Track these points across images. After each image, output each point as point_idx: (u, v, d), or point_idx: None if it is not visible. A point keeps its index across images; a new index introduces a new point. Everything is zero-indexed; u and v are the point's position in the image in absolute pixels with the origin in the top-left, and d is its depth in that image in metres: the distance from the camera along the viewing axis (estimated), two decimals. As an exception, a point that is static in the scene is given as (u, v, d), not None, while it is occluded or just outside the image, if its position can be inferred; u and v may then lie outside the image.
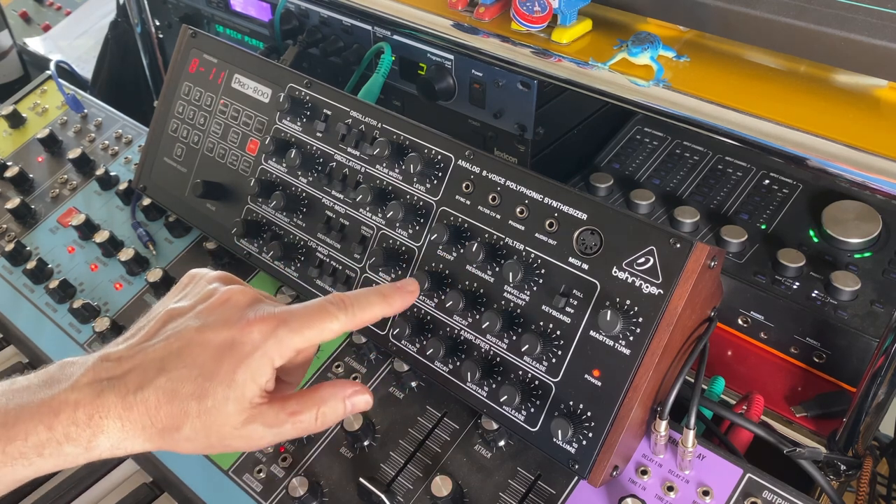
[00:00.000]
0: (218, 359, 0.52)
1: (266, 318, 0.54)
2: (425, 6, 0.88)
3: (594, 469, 0.59)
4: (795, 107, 0.68)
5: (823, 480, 0.63)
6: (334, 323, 0.55)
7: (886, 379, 0.62)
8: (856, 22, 0.64)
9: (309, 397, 0.56)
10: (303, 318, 0.54)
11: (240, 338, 0.53)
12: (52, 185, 1.07)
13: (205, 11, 1.17)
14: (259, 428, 0.54)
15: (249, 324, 0.53)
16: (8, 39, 1.52)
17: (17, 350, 0.96)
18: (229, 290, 0.57)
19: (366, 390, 0.58)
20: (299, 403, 0.55)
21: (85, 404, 0.51)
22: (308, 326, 0.54)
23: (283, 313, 0.54)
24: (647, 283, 0.58)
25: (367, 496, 0.67)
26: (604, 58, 0.76)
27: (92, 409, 0.51)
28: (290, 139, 0.80)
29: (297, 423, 0.55)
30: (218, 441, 0.54)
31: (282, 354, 0.53)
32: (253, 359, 0.52)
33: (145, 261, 0.93)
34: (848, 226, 0.79)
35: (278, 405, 0.54)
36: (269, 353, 0.53)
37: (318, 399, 0.56)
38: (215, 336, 0.53)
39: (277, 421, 0.54)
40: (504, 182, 0.66)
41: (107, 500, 0.80)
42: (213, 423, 0.52)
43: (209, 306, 0.55)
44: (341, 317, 0.55)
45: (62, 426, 0.50)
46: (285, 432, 0.55)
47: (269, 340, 0.53)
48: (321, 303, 0.56)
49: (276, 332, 0.53)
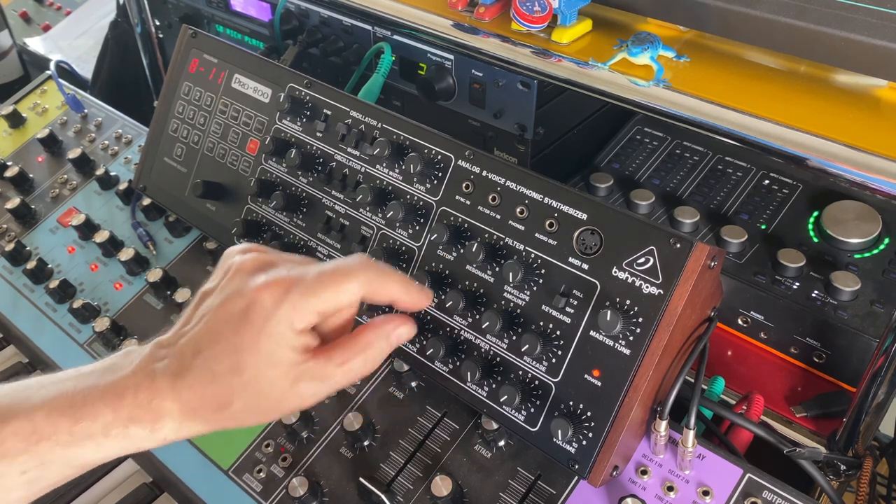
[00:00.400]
0: (239, 331, 0.53)
1: (276, 282, 0.53)
2: (425, 6, 0.88)
3: (594, 469, 0.59)
4: (795, 107, 0.68)
5: (823, 480, 0.63)
6: (350, 284, 0.54)
7: (886, 379, 0.62)
8: (856, 22, 0.64)
9: (354, 344, 0.55)
10: (316, 280, 0.53)
11: (252, 306, 0.53)
12: (52, 185, 1.07)
13: (205, 11, 1.17)
14: (311, 385, 0.54)
15: (260, 290, 0.53)
16: (8, 39, 1.51)
17: (16, 350, 0.97)
18: (242, 259, 0.57)
19: (407, 320, 0.58)
20: (345, 352, 0.55)
21: (144, 388, 0.52)
22: (323, 288, 0.53)
23: (295, 277, 0.54)
24: (647, 283, 0.58)
25: (367, 496, 0.67)
26: (604, 58, 0.76)
27: (150, 394, 0.52)
28: (290, 139, 0.80)
29: (347, 373, 0.55)
30: (274, 406, 0.54)
31: (301, 318, 0.53)
32: (270, 325, 0.52)
33: (145, 261, 0.93)
34: (848, 226, 0.79)
35: (324, 358, 0.54)
36: (284, 318, 0.52)
37: (364, 344, 0.55)
38: (234, 308, 0.53)
39: (326, 374, 0.54)
40: (504, 182, 0.66)
41: (107, 500, 0.80)
42: (260, 392, 0.53)
43: (227, 280, 0.56)
44: (358, 277, 0.54)
45: (127, 409, 0.52)
46: (337, 383, 0.55)
47: (283, 306, 0.52)
48: (337, 264, 0.55)
49: (287, 296, 0.53)
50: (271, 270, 0.55)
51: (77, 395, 0.52)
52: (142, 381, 0.53)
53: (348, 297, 0.54)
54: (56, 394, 0.52)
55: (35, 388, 0.53)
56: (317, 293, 0.53)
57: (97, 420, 0.51)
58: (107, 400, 0.52)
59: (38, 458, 0.51)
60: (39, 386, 0.53)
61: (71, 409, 0.51)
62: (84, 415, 0.51)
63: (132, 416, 0.52)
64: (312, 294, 0.53)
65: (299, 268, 0.55)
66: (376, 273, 0.56)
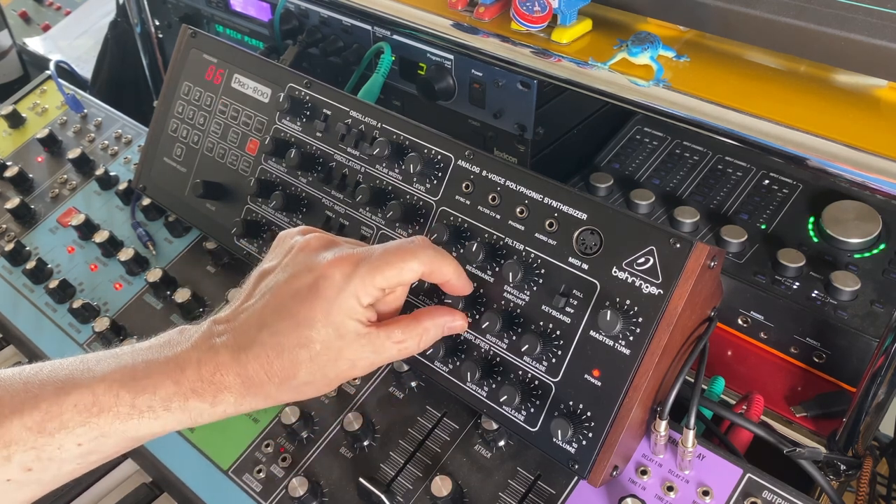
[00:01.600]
0: (310, 305, 0.55)
1: (345, 258, 0.56)
2: (425, 6, 0.88)
3: (594, 469, 0.59)
4: (795, 107, 0.68)
5: (823, 480, 0.63)
6: (413, 262, 0.57)
7: (886, 379, 0.62)
8: (856, 22, 0.64)
9: (414, 326, 0.59)
10: (381, 257, 0.57)
11: (323, 281, 0.55)
12: (51, 185, 1.07)
13: (205, 11, 1.17)
14: (370, 355, 0.57)
15: (330, 265, 0.56)
16: (8, 39, 1.51)
17: (16, 350, 0.96)
18: (307, 238, 0.60)
19: (462, 316, 0.63)
20: (405, 332, 0.59)
21: (206, 361, 0.54)
22: (388, 266, 0.56)
23: (362, 253, 0.57)
24: (647, 283, 0.58)
25: (367, 496, 0.67)
26: (604, 58, 0.76)
27: (213, 367, 0.54)
28: (290, 139, 0.80)
29: (401, 351, 0.59)
30: (335, 376, 0.57)
31: (367, 293, 0.56)
32: (340, 299, 0.55)
33: (145, 261, 0.93)
34: (848, 226, 0.79)
35: (385, 333, 0.58)
36: (354, 292, 0.55)
37: (422, 328, 0.60)
38: (301, 283, 0.56)
39: (384, 348, 0.58)
40: (504, 182, 0.66)
41: (107, 500, 0.80)
42: (326, 363, 0.56)
43: (291, 258, 0.58)
44: (420, 256, 0.58)
45: (189, 381, 0.53)
46: (392, 356, 0.59)
47: (353, 280, 0.55)
48: (401, 243, 0.58)
49: (356, 271, 0.55)
50: (336, 248, 0.58)
51: (137, 368, 0.54)
52: (203, 354, 0.54)
53: (410, 275, 0.58)
54: (116, 367, 0.54)
55: (93, 361, 0.55)
56: (382, 270, 0.56)
57: (158, 392, 0.53)
58: (168, 373, 0.53)
59: (97, 430, 0.52)
60: (97, 360, 0.55)
61: (132, 381, 0.53)
62: (145, 387, 0.53)
63: (194, 388, 0.53)
64: (379, 271, 0.56)
65: (363, 246, 0.58)
66: (436, 253, 0.59)
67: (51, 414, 0.51)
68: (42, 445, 0.51)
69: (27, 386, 0.52)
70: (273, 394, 0.56)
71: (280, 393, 0.56)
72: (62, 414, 0.51)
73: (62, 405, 0.51)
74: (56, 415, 0.51)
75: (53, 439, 0.51)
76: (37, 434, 0.51)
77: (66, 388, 0.52)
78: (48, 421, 0.51)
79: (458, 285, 0.63)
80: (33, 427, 0.51)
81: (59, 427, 0.51)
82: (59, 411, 0.51)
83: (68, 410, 0.51)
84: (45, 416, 0.51)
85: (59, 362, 0.55)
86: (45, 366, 0.55)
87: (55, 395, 0.52)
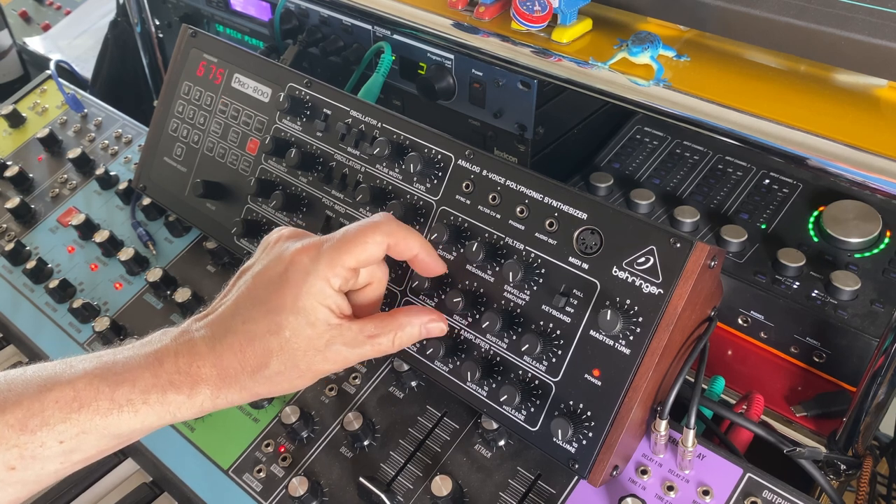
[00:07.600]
0: (279, 291, 0.56)
1: (312, 244, 0.58)
2: (425, 6, 0.88)
3: (594, 469, 0.59)
4: (795, 107, 0.68)
5: (823, 480, 0.63)
6: (376, 235, 0.58)
7: (886, 379, 0.62)
8: (856, 22, 0.64)
9: (388, 322, 0.59)
10: (345, 235, 0.58)
11: (291, 266, 0.56)
12: (51, 185, 1.07)
13: (205, 11, 1.17)
14: (342, 349, 0.57)
15: (297, 252, 0.57)
16: (8, 39, 1.51)
17: (16, 350, 0.96)
18: (280, 231, 0.61)
19: (442, 318, 0.63)
20: (378, 327, 0.59)
21: (183, 353, 0.55)
22: (351, 242, 0.57)
23: (326, 237, 0.58)
24: (647, 282, 0.58)
25: (367, 496, 0.67)
26: (604, 57, 0.76)
27: (190, 359, 0.55)
28: (290, 139, 0.80)
29: (375, 346, 0.59)
30: (306, 367, 0.57)
31: (335, 273, 0.56)
32: (309, 282, 0.56)
33: (145, 260, 0.93)
34: (848, 225, 0.79)
35: (357, 326, 0.58)
36: (322, 273, 0.56)
37: (396, 324, 0.60)
38: (273, 272, 0.57)
39: (357, 342, 0.58)
40: (504, 182, 0.66)
41: (107, 500, 0.80)
42: (296, 351, 0.56)
43: (266, 252, 0.60)
44: (382, 228, 0.58)
45: (166, 374, 0.54)
46: (365, 353, 0.59)
47: (320, 262, 0.56)
48: (364, 220, 0.59)
49: (321, 252, 0.56)
50: (305, 237, 0.59)
51: (118, 363, 0.55)
52: (181, 346, 0.55)
53: (375, 248, 0.58)
54: (97, 364, 0.55)
55: (76, 360, 0.56)
56: (347, 247, 0.57)
57: (137, 384, 0.54)
58: (147, 366, 0.55)
59: (78, 426, 0.53)
60: (80, 359, 0.56)
61: (112, 375, 0.54)
62: (124, 379, 0.54)
63: (171, 381, 0.54)
64: (344, 248, 0.57)
65: (329, 234, 0.59)
66: (399, 226, 0.60)
67: (32, 411, 0.52)
68: (24, 443, 0.51)
69: (10, 385, 0.53)
70: (248, 385, 0.56)
71: (255, 384, 0.56)
72: (44, 410, 0.52)
73: (44, 402, 0.52)
74: (38, 411, 0.52)
75: (35, 436, 0.52)
76: (19, 432, 0.51)
77: (47, 384, 0.53)
78: (30, 418, 0.52)
79: (429, 262, 0.63)
80: (15, 424, 0.51)
81: (41, 424, 0.52)
82: (41, 408, 0.52)
83: (50, 407, 0.52)
84: (27, 413, 0.52)
85: (44, 363, 0.56)
86: (29, 367, 0.55)
87: (37, 392, 0.52)
